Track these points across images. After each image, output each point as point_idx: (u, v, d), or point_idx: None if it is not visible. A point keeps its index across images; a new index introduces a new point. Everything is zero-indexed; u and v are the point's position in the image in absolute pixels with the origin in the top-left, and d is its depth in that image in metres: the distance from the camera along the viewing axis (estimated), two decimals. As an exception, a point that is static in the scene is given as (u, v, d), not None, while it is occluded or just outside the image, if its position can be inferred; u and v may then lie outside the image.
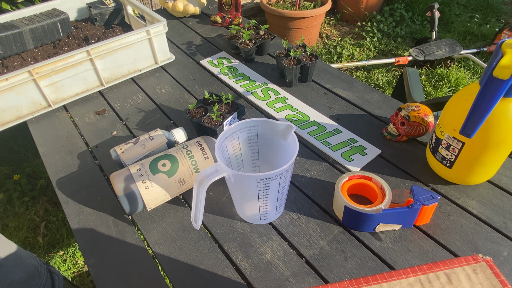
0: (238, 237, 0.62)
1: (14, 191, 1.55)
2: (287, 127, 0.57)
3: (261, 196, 0.56)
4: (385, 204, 0.60)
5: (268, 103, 0.89)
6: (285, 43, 0.95)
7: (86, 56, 0.88)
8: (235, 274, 0.57)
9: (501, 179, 0.69)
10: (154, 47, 0.99)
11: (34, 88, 0.85)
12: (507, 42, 0.53)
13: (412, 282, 0.35)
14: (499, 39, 2.17)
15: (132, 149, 0.70)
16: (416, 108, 0.72)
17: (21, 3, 1.51)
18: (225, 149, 0.58)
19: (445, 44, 2.00)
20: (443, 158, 0.65)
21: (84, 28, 1.08)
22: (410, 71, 1.43)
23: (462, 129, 0.57)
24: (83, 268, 1.32)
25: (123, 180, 0.61)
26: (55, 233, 1.42)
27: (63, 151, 0.80)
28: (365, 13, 2.58)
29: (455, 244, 0.59)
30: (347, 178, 0.65)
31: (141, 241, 0.63)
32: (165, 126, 0.84)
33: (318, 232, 0.62)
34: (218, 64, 1.04)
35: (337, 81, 0.96)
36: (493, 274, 0.35)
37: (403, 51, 2.36)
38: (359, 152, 0.75)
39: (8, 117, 0.85)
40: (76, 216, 0.67)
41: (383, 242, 0.60)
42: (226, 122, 0.78)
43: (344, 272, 0.56)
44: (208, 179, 0.51)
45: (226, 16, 1.20)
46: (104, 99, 0.94)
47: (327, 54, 2.36)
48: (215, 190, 0.70)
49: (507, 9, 2.80)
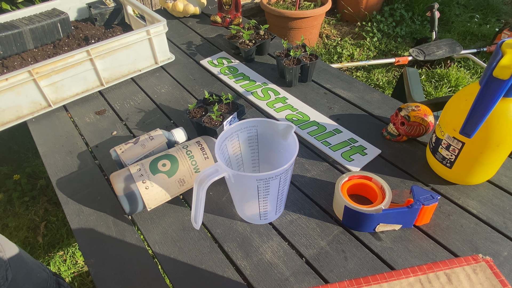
0: (238, 237, 0.62)
1: (14, 191, 1.55)
2: (287, 127, 0.57)
3: (261, 196, 0.56)
4: (385, 204, 0.60)
5: (268, 103, 0.89)
6: (285, 43, 0.95)
7: (86, 56, 0.88)
8: (235, 274, 0.57)
9: (501, 179, 0.69)
10: (154, 47, 0.99)
11: (34, 88, 0.85)
12: (507, 42, 0.53)
13: (412, 282, 0.35)
14: (499, 39, 2.17)
15: (132, 149, 0.70)
16: (416, 108, 0.72)
17: (21, 3, 1.51)
18: (225, 149, 0.58)
19: (445, 44, 2.00)
20: (443, 158, 0.65)
21: (84, 28, 1.08)
22: (410, 71, 1.43)
23: (462, 129, 0.57)
24: (83, 268, 1.32)
25: (123, 180, 0.61)
26: (55, 233, 1.42)
27: (63, 151, 0.80)
28: (365, 13, 2.58)
29: (455, 244, 0.59)
30: (347, 178, 0.65)
31: (141, 241, 0.63)
32: (165, 126, 0.84)
33: (318, 232, 0.62)
34: (218, 64, 1.04)
35: (337, 81, 0.96)
36: (493, 274, 0.35)
37: (403, 51, 2.36)
38: (359, 152, 0.75)
39: (8, 117, 0.85)
40: (76, 216, 0.67)
41: (383, 242, 0.60)
42: (226, 122, 0.78)
43: (344, 272, 0.56)
44: (208, 179, 0.51)
45: (226, 16, 1.20)
46: (104, 99, 0.94)
47: (327, 54, 2.36)
48: (215, 190, 0.70)
49: (507, 9, 2.80)
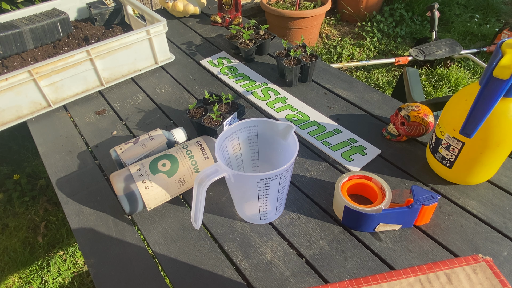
0: (238, 237, 0.62)
1: (14, 191, 1.55)
2: (287, 127, 0.57)
3: (261, 196, 0.56)
4: (385, 204, 0.60)
5: (268, 103, 0.89)
6: (285, 43, 0.95)
7: (86, 56, 0.88)
8: (235, 274, 0.57)
9: (501, 179, 0.69)
10: (154, 47, 0.99)
11: (34, 88, 0.85)
12: (507, 42, 0.53)
13: (412, 282, 0.35)
14: (499, 39, 2.17)
15: (132, 149, 0.70)
16: (416, 108, 0.72)
17: (21, 3, 1.51)
18: (225, 149, 0.58)
19: (445, 44, 2.00)
20: (443, 158, 0.65)
21: (84, 28, 1.08)
22: (410, 71, 1.43)
23: (462, 129, 0.57)
24: (83, 268, 1.32)
25: (123, 180, 0.61)
26: (55, 233, 1.42)
27: (63, 151, 0.80)
28: (365, 13, 2.58)
29: (455, 244, 0.59)
30: (347, 178, 0.65)
31: (141, 241, 0.63)
32: (165, 126, 0.84)
33: (318, 232, 0.62)
34: (218, 64, 1.03)
35: (337, 81, 0.96)
36: (493, 274, 0.35)
37: (403, 51, 2.36)
38: (359, 152, 0.75)
39: (8, 117, 0.85)
40: (76, 216, 0.67)
41: (383, 242, 0.60)
42: (226, 122, 0.78)
43: (344, 272, 0.56)
44: (208, 179, 0.51)
45: (226, 16, 1.20)
46: (104, 99, 0.94)
47: (327, 54, 2.36)
48: (215, 190, 0.70)
49: (507, 9, 2.80)
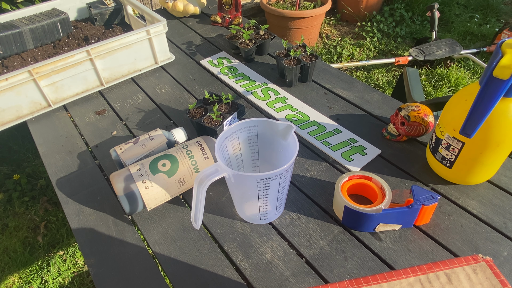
0: (238, 237, 0.62)
1: (14, 191, 1.55)
2: (287, 127, 0.57)
3: (261, 196, 0.56)
4: (385, 204, 0.60)
5: (268, 103, 0.89)
6: (285, 43, 0.95)
7: (86, 56, 0.88)
8: (235, 274, 0.57)
9: (501, 179, 0.69)
10: (154, 47, 0.99)
11: (34, 88, 0.85)
12: (507, 42, 0.53)
13: (412, 282, 0.35)
14: (499, 39, 2.17)
15: (132, 149, 0.70)
16: (416, 108, 0.72)
17: (21, 3, 1.51)
18: (225, 149, 0.58)
19: (445, 44, 2.00)
20: (443, 158, 0.65)
21: (84, 28, 1.08)
22: (410, 71, 1.43)
23: (462, 129, 0.57)
24: (83, 268, 1.32)
25: (123, 180, 0.61)
26: (55, 233, 1.42)
27: (63, 151, 0.80)
28: (365, 13, 2.58)
29: (455, 244, 0.59)
30: (347, 178, 0.65)
31: (141, 241, 0.63)
32: (165, 126, 0.84)
33: (318, 232, 0.62)
34: (218, 64, 1.03)
35: (337, 81, 0.96)
36: (493, 274, 0.35)
37: (403, 51, 2.36)
38: (359, 152, 0.75)
39: (8, 117, 0.85)
40: (76, 216, 0.67)
41: (383, 242, 0.60)
42: (226, 122, 0.78)
43: (344, 272, 0.56)
44: (208, 179, 0.51)
45: (226, 16, 1.20)
46: (104, 99, 0.94)
47: (327, 54, 2.36)
48: (215, 190, 0.70)
49: (507, 9, 2.80)
